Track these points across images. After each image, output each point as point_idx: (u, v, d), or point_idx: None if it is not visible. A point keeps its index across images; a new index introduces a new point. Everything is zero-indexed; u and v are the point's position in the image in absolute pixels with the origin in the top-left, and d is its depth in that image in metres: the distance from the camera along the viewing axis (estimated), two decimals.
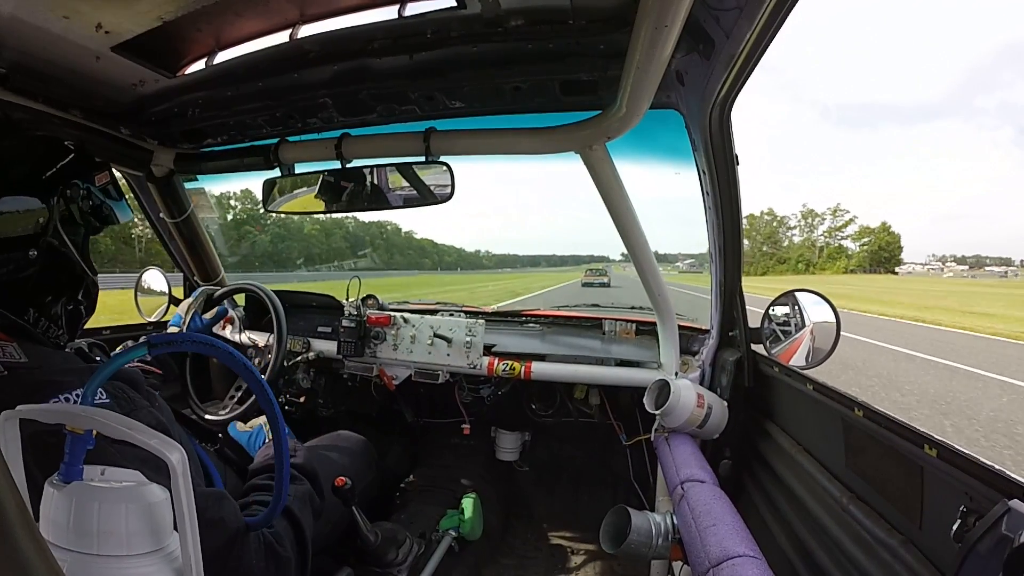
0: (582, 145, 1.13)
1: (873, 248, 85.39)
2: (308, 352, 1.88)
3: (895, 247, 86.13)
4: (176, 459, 0.46)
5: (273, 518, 0.74)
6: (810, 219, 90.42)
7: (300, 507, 0.89)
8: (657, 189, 6.20)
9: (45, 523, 0.44)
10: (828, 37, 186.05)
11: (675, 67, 1.00)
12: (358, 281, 1.90)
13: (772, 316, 1.48)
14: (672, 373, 1.54)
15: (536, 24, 0.95)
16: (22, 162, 0.71)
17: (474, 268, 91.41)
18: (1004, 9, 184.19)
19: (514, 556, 1.90)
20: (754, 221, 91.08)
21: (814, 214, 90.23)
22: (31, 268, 0.70)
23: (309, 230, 31.49)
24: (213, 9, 0.94)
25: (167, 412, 0.81)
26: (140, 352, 0.58)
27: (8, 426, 0.47)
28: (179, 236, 1.88)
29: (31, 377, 0.66)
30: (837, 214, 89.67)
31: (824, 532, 0.99)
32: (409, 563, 1.33)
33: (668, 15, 0.71)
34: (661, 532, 1.16)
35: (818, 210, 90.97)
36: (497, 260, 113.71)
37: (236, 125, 1.44)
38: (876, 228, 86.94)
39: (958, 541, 0.63)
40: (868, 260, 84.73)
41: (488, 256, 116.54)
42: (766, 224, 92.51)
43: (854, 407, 0.93)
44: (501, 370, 1.68)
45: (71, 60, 1.05)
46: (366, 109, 1.29)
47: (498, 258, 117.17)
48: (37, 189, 0.71)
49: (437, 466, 2.05)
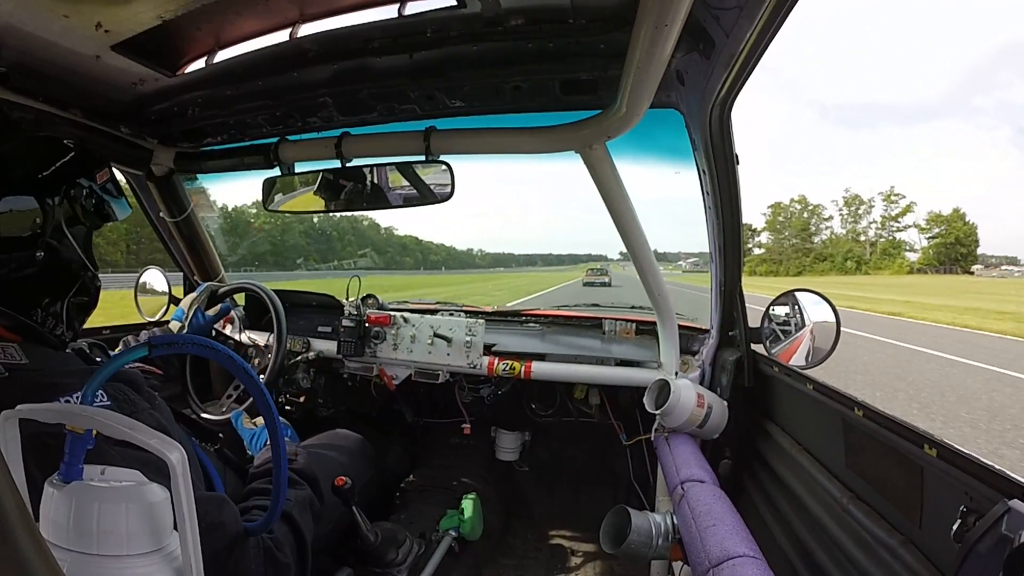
0: (582, 145, 1.13)
1: (948, 241, 65.69)
2: (308, 352, 1.88)
3: (972, 240, 66.08)
4: (176, 459, 0.46)
5: (271, 523, 0.74)
6: (854, 207, 72.33)
7: (300, 512, 0.89)
8: (657, 189, 6.17)
9: (45, 523, 0.44)
10: (828, 37, 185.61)
11: (675, 67, 1.00)
12: (358, 281, 1.90)
13: (772, 316, 1.48)
14: (672, 373, 1.54)
15: (536, 23, 0.95)
16: (26, 162, 0.71)
17: (464, 268, 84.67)
18: (1003, 9, 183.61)
19: (514, 556, 1.90)
20: (781, 211, 75.32)
21: (858, 200, 72.26)
22: (36, 266, 0.70)
23: (260, 223, 25.31)
24: (213, 8, 0.94)
25: (167, 413, 0.81)
26: (140, 353, 0.58)
27: (8, 426, 0.47)
28: (179, 235, 1.88)
29: (32, 379, 0.66)
30: (891, 200, 70.55)
31: (824, 532, 0.99)
32: (409, 563, 1.33)
33: (668, 14, 0.71)
34: (661, 532, 1.16)
35: (864, 195, 72.76)
36: (492, 259, 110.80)
37: (236, 124, 1.44)
38: (948, 215, 67.20)
39: (958, 541, 0.63)
40: (938, 257, 66.07)
41: (482, 255, 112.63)
42: (795, 214, 74.99)
43: (854, 407, 0.93)
44: (501, 370, 1.68)
45: (71, 59, 1.05)
46: (366, 108, 1.29)
47: (492, 257, 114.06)
48: (41, 188, 0.71)
49: (437, 466, 2.05)
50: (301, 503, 0.91)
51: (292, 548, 0.82)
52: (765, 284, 26.00)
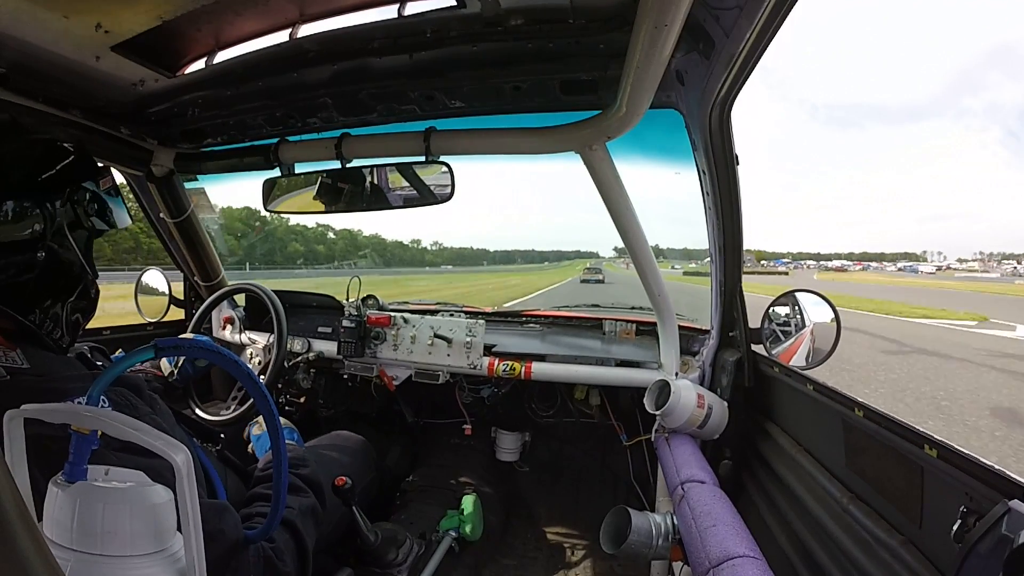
0: (582, 145, 1.13)
1: None
2: (308, 352, 1.88)
3: None
4: (181, 460, 0.46)
5: (271, 532, 0.74)
6: None
7: (303, 520, 0.87)
8: (657, 189, 6.17)
9: (49, 523, 0.44)
10: (829, 37, 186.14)
11: (675, 67, 1.00)
12: (358, 281, 1.90)
13: (772, 316, 1.48)
14: (672, 373, 1.54)
15: (536, 23, 0.95)
16: (29, 165, 0.70)
17: (409, 265, 72.38)
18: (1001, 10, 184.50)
19: (514, 556, 1.90)
20: None
21: None
22: (36, 270, 0.70)
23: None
24: (213, 9, 0.94)
25: (168, 417, 0.81)
26: (145, 356, 0.58)
27: (13, 426, 0.47)
28: (179, 236, 1.88)
29: (33, 383, 0.66)
30: None
31: (824, 532, 0.99)
32: (409, 563, 1.33)
33: (668, 14, 0.71)
34: (661, 532, 1.16)
35: None
36: (452, 255, 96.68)
37: (236, 125, 1.44)
38: None
39: (958, 541, 0.63)
40: None
41: (438, 251, 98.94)
42: None
43: (854, 407, 0.93)
44: (501, 370, 1.68)
45: (71, 60, 1.05)
46: (366, 109, 1.29)
47: (454, 253, 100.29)
48: (44, 192, 0.70)
49: (437, 466, 2.05)
50: (304, 511, 0.90)
51: (293, 556, 0.81)
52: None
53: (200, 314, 1.80)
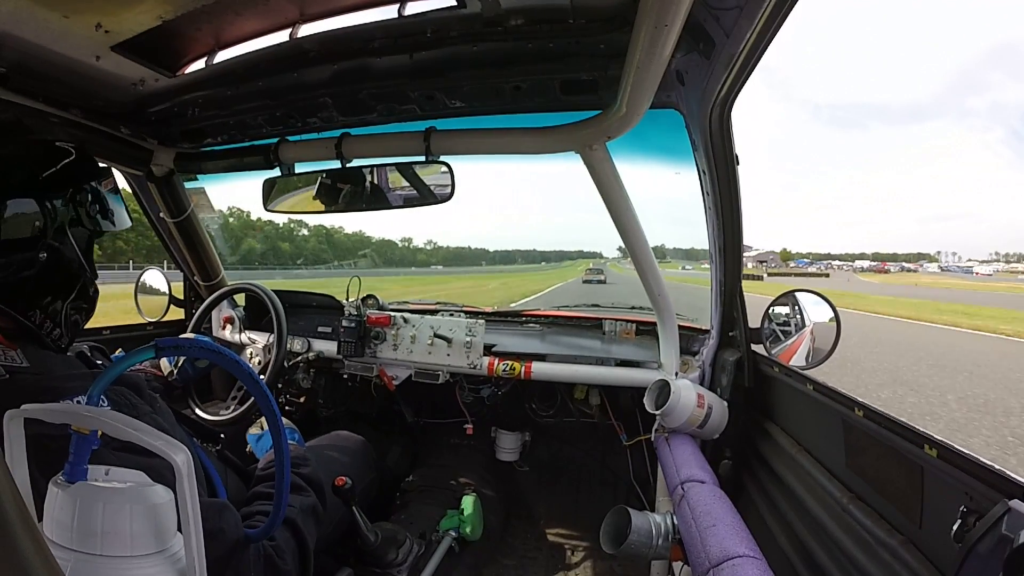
0: (582, 145, 1.13)
1: None
2: (308, 352, 1.88)
3: None
4: (181, 460, 0.45)
5: (272, 531, 0.74)
6: None
7: (304, 520, 0.88)
8: (657, 189, 6.16)
9: (49, 523, 0.44)
10: (830, 36, 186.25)
11: (675, 67, 1.00)
12: (358, 281, 1.90)
13: (772, 316, 1.48)
14: (672, 373, 1.54)
15: (536, 23, 0.95)
16: (31, 164, 0.70)
17: (398, 266, 66.10)
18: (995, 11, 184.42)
19: (514, 556, 1.90)
20: None
21: None
22: (37, 268, 0.70)
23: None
24: (213, 8, 0.93)
25: (168, 416, 0.81)
26: (146, 356, 0.58)
27: (13, 426, 0.47)
28: (179, 236, 1.88)
29: (33, 382, 0.66)
30: None
31: (824, 532, 0.99)
32: (409, 563, 1.33)
33: (668, 14, 0.71)
34: (661, 532, 1.16)
35: None
36: (449, 255, 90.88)
37: (236, 124, 1.44)
38: None
39: (958, 541, 0.63)
40: None
41: (432, 250, 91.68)
42: None
43: (854, 407, 0.93)
44: (501, 370, 1.68)
45: (71, 60, 1.05)
46: (366, 109, 1.29)
47: (452, 252, 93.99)
48: (47, 191, 0.70)
49: (437, 466, 2.04)
50: (305, 510, 0.90)
51: (293, 555, 0.81)
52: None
53: (200, 314, 1.80)
